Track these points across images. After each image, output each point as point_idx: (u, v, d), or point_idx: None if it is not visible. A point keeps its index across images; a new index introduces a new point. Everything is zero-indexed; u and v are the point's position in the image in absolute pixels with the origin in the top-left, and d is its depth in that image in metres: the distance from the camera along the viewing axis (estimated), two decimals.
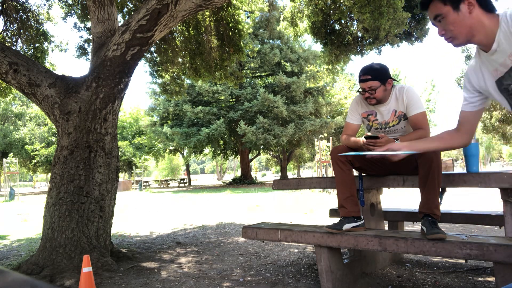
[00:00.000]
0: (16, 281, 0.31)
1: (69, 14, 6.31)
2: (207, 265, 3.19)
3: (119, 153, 8.74)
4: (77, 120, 3.22)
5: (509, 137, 23.79)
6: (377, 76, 2.29)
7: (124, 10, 5.98)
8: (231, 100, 24.16)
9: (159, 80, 7.23)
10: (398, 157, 1.79)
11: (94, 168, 3.22)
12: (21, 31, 5.72)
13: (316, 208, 7.49)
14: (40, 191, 32.91)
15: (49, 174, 22.97)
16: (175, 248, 4.00)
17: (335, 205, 4.02)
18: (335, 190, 2.65)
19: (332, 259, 2.29)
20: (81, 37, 6.37)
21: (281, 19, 6.81)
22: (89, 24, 5.96)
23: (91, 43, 4.26)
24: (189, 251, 3.84)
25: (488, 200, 7.53)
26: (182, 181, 30.14)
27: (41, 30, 6.03)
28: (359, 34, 6.05)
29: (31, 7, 5.91)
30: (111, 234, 3.58)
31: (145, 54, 5.01)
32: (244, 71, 24.08)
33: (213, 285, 2.60)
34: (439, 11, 1.30)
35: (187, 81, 18.02)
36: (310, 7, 5.75)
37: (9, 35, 5.70)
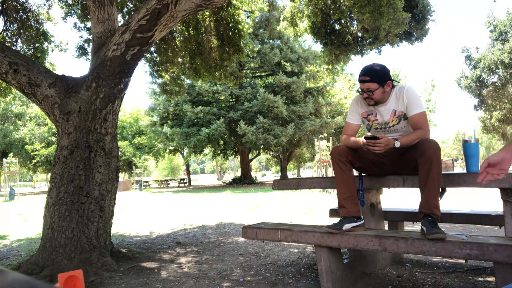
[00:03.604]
0: (16, 281, 0.31)
1: (69, 14, 6.31)
2: (207, 265, 3.19)
3: (119, 153, 8.74)
4: (77, 120, 3.22)
5: (509, 137, 23.78)
6: (376, 78, 2.29)
7: (124, 10, 5.98)
8: (231, 100, 24.16)
9: (159, 80, 7.23)
10: None
11: (94, 168, 3.22)
12: (21, 31, 5.72)
13: (316, 208, 7.49)
14: (40, 191, 32.91)
15: (49, 174, 22.98)
16: (175, 248, 4.00)
17: (335, 205, 4.02)
18: (335, 190, 2.65)
19: (332, 259, 2.29)
20: (81, 37, 6.37)
21: (281, 19, 6.81)
22: (89, 24, 5.96)
23: (91, 43, 4.26)
24: (189, 251, 3.84)
25: (488, 200, 7.53)
26: (182, 181, 30.14)
27: (41, 30, 6.03)
28: (359, 34, 6.05)
29: (31, 7, 5.91)
30: (111, 234, 3.58)
31: (145, 54, 5.01)
32: (244, 71, 24.08)
33: (213, 285, 2.60)
34: None
35: (187, 81, 18.02)
36: (310, 7, 5.76)
37: (9, 35, 5.70)
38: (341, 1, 5.47)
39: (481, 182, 1.36)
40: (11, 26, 5.63)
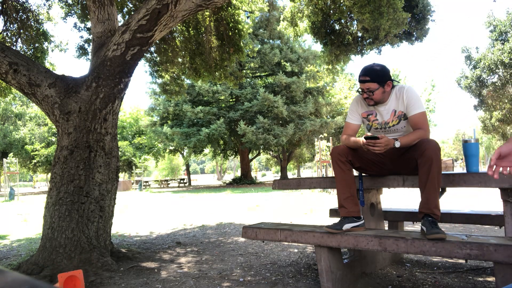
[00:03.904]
0: (16, 281, 0.31)
1: (69, 14, 6.31)
2: (207, 265, 3.19)
3: (119, 153, 8.74)
4: (77, 120, 3.22)
5: (509, 137, 23.77)
6: (376, 78, 2.29)
7: (124, 10, 5.98)
8: (231, 100, 24.17)
9: (159, 80, 7.23)
10: None
11: (94, 168, 3.22)
12: (21, 31, 5.72)
13: (316, 208, 7.49)
14: (40, 191, 32.90)
15: (49, 174, 22.98)
16: (175, 248, 4.00)
17: (335, 205, 4.02)
18: (335, 190, 2.65)
19: (332, 259, 2.29)
20: (81, 37, 6.37)
21: (281, 19, 6.81)
22: (89, 24, 5.96)
23: (91, 43, 4.26)
24: (189, 251, 3.84)
25: (488, 200, 7.53)
26: (182, 181, 30.14)
27: (41, 30, 6.03)
28: (359, 34, 6.05)
29: (31, 7, 5.91)
30: (111, 234, 3.58)
31: (145, 54, 5.01)
32: (244, 71, 24.08)
33: (213, 285, 2.60)
34: None
35: (187, 81, 18.02)
36: (310, 7, 5.76)
37: (9, 35, 5.70)
38: (341, 1, 5.47)
39: (492, 176, 1.21)
40: (11, 26, 5.63)
